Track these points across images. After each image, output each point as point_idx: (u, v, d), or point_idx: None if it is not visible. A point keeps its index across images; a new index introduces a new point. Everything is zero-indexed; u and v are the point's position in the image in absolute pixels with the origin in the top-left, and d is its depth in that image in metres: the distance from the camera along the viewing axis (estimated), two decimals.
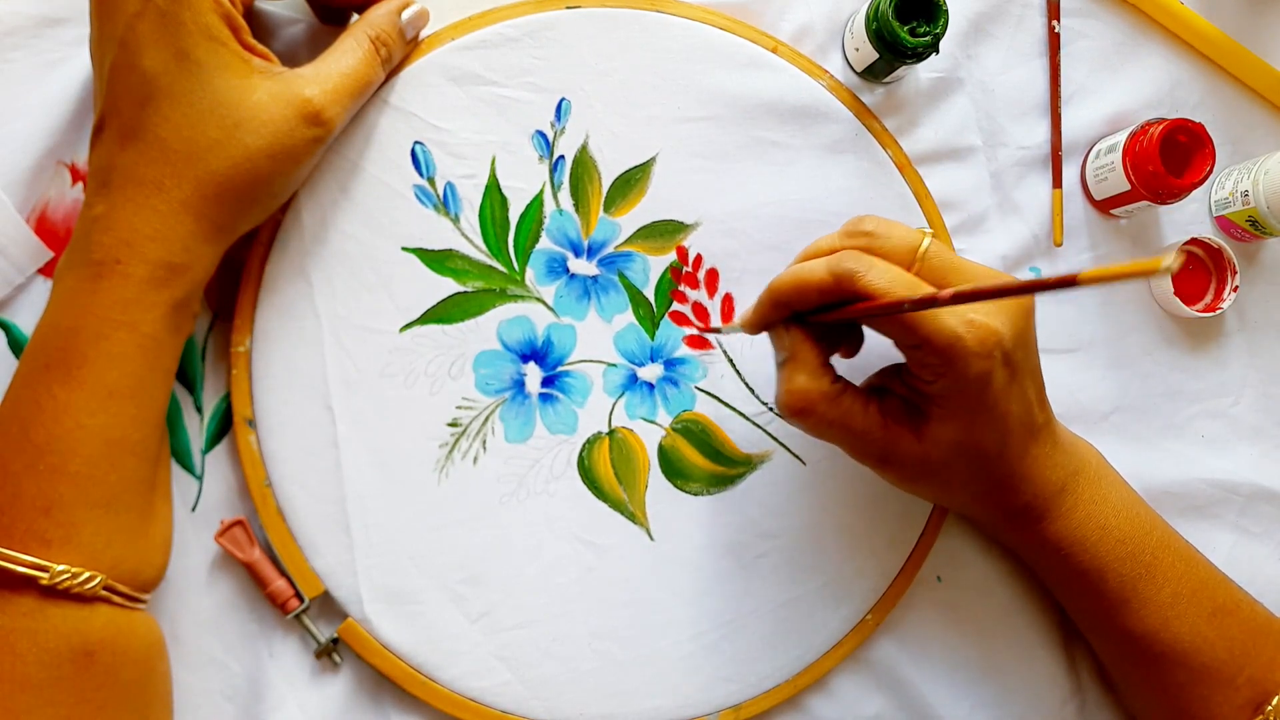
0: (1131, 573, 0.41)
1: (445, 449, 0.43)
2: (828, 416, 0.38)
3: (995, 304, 0.36)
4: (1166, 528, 0.43)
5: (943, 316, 0.35)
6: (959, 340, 0.35)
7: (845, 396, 0.38)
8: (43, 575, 0.34)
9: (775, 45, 0.46)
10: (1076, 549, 0.41)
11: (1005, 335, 0.36)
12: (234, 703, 0.42)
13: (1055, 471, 0.40)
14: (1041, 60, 0.50)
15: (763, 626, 0.44)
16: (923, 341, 0.35)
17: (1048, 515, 0.41)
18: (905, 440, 0.38)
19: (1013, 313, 0.37)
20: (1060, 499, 0.41)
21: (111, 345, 0.36)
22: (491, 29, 0.44)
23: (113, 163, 0.37)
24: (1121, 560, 0.41)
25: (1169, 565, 0.41)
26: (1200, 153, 0.46)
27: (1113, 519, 0.41)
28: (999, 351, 0.36)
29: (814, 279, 0.36)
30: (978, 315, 0.35)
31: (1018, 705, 0.47)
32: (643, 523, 0.44)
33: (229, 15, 0.37)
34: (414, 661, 0.42)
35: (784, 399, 0.38)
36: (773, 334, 0.39)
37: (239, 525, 0.42)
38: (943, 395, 0.37)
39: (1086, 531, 0.41)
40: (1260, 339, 0.51)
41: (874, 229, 0.38)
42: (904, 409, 0.39)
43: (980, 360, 0.35)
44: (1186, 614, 0.40)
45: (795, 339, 0.38)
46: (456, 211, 0.44)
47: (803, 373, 0.38)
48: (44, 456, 0.35)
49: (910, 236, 0.38)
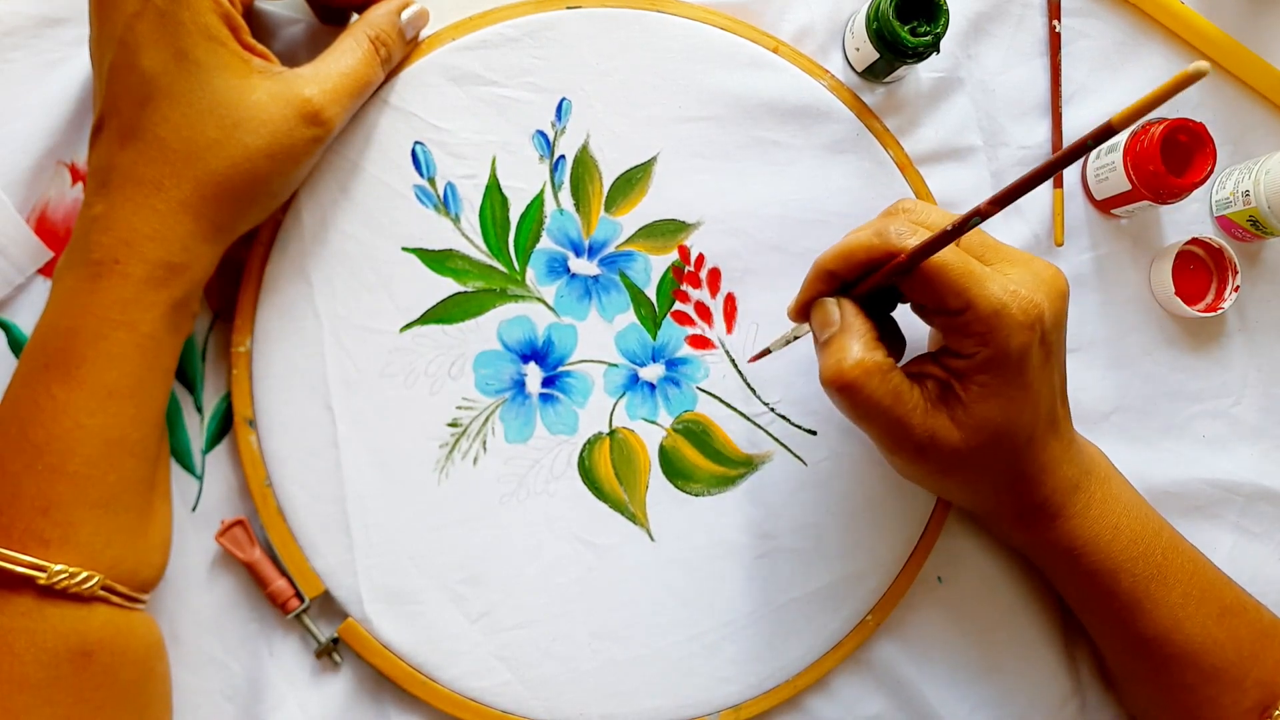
0: (1144, 573, 0.40)
1: (445, 449, 0.43)
2: (877, 392, 0.36)
3: (1036, 282, 0.37)
4: (1173, 530, 0.43)
5: (989, 284, 0.35)
6: (1005, 307, 0.35)
7: (895, 374, 0.37)
8: (41, 575, 0.34)
9: (776, 45, 0.46)
10: (1090, 549, 0.41)
11: (1047, 311, 0.36)
12: (234, 703, 0.42)
13: (1071, 468, 0.40)
14: (1042, 60, 0.50)
15: (763, 627, 0.44)
16: (968, 305, 0.35)
17: (1062, 513, 0.40)
18: (944, 428, 0.37)
19: (1052, 291, 0.37)
20: (1075, 497, 0.40)
21: (110, 345, 0.36)
22: (492, 29, 0.44)
23: (112, 162, 0.37)
24: (1134, 561, 0.40)
25: (1179, 567, 0.41)
26: (1201, 153, 0.46)
27: (1124, 519, 0.41)
28: (1039, 326, 0.36)
29: (860, 242, 0.37)
30: (1022, 288, 0.36)
31: (1018, 705, 0.46)
32: (643, 523, 0.44)
33: (228, 15, 0.37)
34: (414, 661, 0.42)
35: (833, 369, 0.37)
36: (818, 309, 0.38)
37: (239, 525, 0.42)
38: (982, 369, 0.36)
39: (1099, 530, 0.40)
40: (1261, 339, 0.51)
41: (913, 208, 0.38)
42: (941, 394, 0.38)
43: (1023, 331, 0.35)
44: (1197, 615, 0.40)
45: (847, 310, 0.38)
46: (457, 211, 0.44)
47: (857, 341, 0.37)
48: (43, 456, 0.35)
49: (949, 217, 0.38)
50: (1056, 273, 0.38)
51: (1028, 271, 0.37)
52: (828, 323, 0.38)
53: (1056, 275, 0.38)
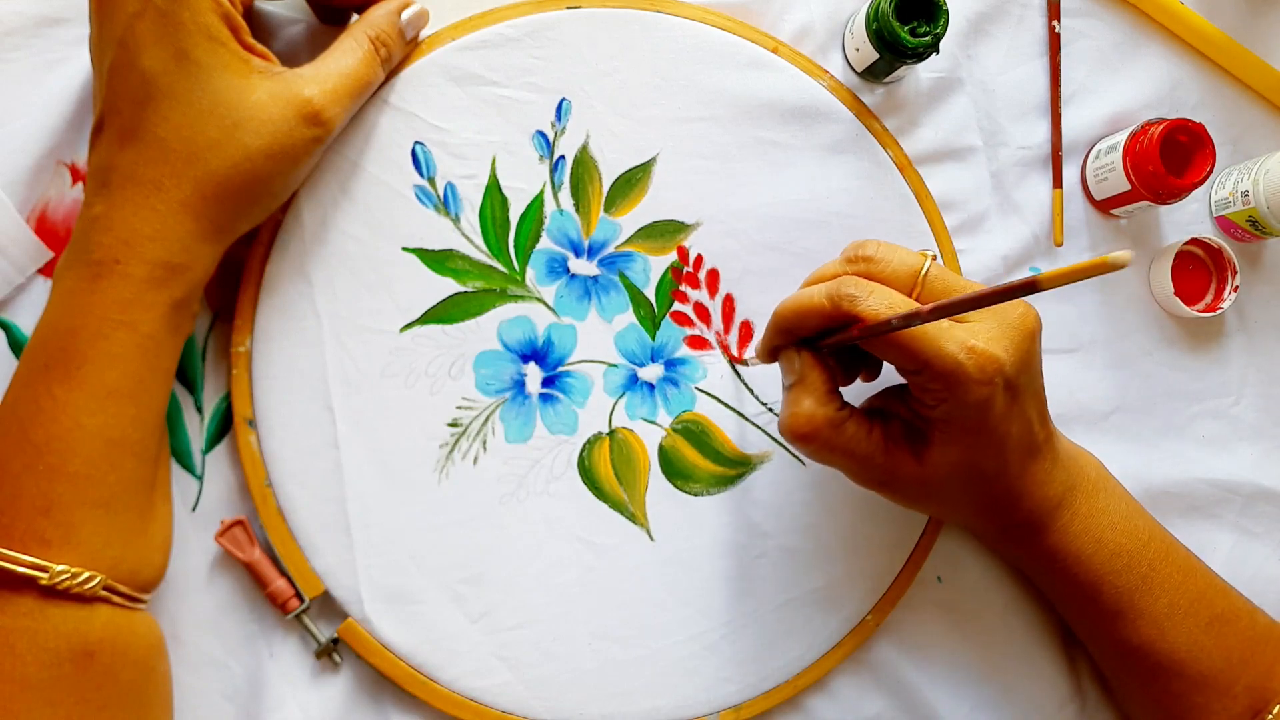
0: (1127, 585, 0.41)
1: (445, 449, 0.43)
2: (831, 443, 0.38)
3: (1000, 329, 0.36)
4: (1166, 537, 0.43)
5: (944, 343, 0.35)
6: (960, 367, 0.35)
7: (850, 423, 0.38)
8: (42, 575, 0.34)
9: (776, 45, 0.46)
10: (1071, 562, 0.41)
11: (1006, 361, 0.36)
12: (234, 703, 0.42)
13: (1052, 488, 0.40)
14: (1042, 60, 0.50)
15: (763, 627, 0.44)
16: (924, 367, 0.35)
17: (1044, 530, 0.41)
18: (906, 464, 0.38)
19: (1015, 337, 0.37)
20: (1056, 514, 0.41)
21: (110, 345, 0.36)
22: (492, 29, 0.44)
23: (112, 163, 0.37)
24: (1116, 573, 0.41)
25: (1166, 576, 0.41)
26: (1200, 153, 0.46)
27: (1108, 532, 0.41)
28: (1000, 378, 0.36)
29: (814, 305, 0.37)
30: (979, 342, 0.35)
31: (1018, 706, 0.47)
32: (643, 523, 0.44)
33: (228, 15, 0.37)
34: (414, 661, 0.42)
35: (788, 423, 0.38)
36: (782, 359, 0.39)
37: (239, 525, 0.42)
38: (944, 420, 0.37)
39: (1081, 545, 0.41)
40: (1260, 339, 0.51)
41: (874, 254, 0.38)
42: (905, 432, 0.39)
43: (981, 387, 0.35)
44: (1183, 624, 0.41)
45: (804, 363, 0.38)
46: (457, 211, 0.44)
47: (809, 397, 0.38)
48: (43, 456, 0.35)
49: (911, 260, 0.38)
50: (1024, 312, 0.37)
51: (994, 319, 0.37)
52: (788, 372, 0.39)
53: (1024, 316, 0.37)
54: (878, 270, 0.38)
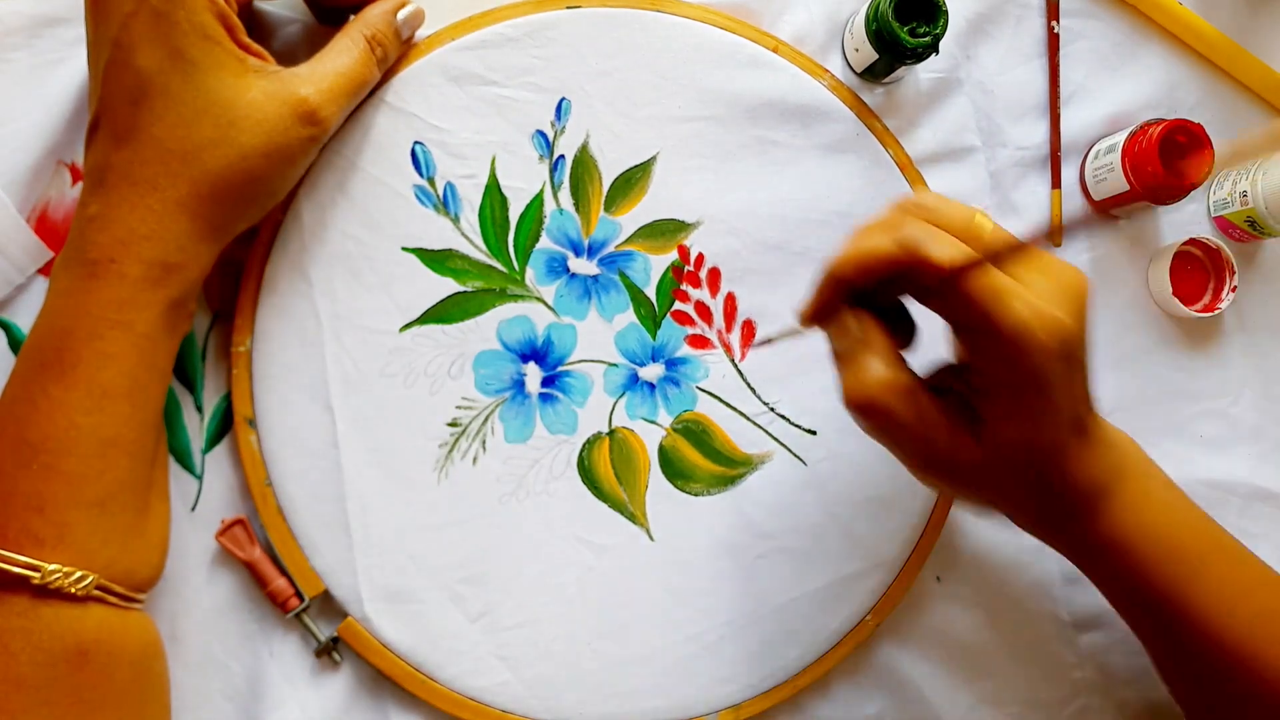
0: (1177, 574, 0.39)
1: (445, 449, 0.43)
2: (903, 414, 0.34)
3: (1059, 293, 0.34)
4: (1216, 526, 0.41)
5: (1013, 304, 0.33)
6: (1027, 327, 0.33)
7: (922, 394, 0.35)
8: (35, 575, 0.34)
9: (776, 45, 0.46)
10: (1121, 550, 0.39)
11: (1070, 326, 0.34)
12: (234, 702, 0.42)
13: (1099, 471, 0.38)
14: (1040, 61, 0.50)
15: (762, 627, 0.44)
16: (992, 328, 0.33)
17: (1093, 516, 0.39)
18: (967, 446, 0.36)
19: (1077, 302, 0.35)
20: (1105, 499, 0.39)
21: (106, 344, 0.36)
22: (491, 29, 0.44)
23: (108, 162, 0.37)
24: (1167, 561, 0.39)
25: (1217, 566, 0.39)
26: (1199, 153, 0.46)
27: (1160, 517, 0.39)
28: (1064, 344, 0.34)
29: (881, 251, 0.34)
30: (1047, 304, 0.33)
31: (1018, 705, 0.46)
32: (643, 523, 0.44)
33: (224, 14, 0.37)
34: (414, 660, 0.42)
35: (855, 389, 0.34)
36: (835, 321, 0.36)
37: (239, 524, 0.42)
38: (1000, 390, 0.35)
39: (1129, 532, 0.39)
40: (1259, 339, 0.51)
41: (930, 203, 0.35)
42: (962, 410, 0.36)
43: (1045, 351, 0.33)
44: (1236, 616, 0.39)
45: (866, 324, 0.35)
46: (456, 211, 0.44)
47: (880, 361, 0.34)
48: (38, 455, 0.35)
49: (965, 212, 0.35)
50: (1076, 275, 0.36)
51: (1051, 281, 0.35)
52: (842, 337, 0.36)
53: (1078, 279, 0.36)
54: (937, 219, 0.35)
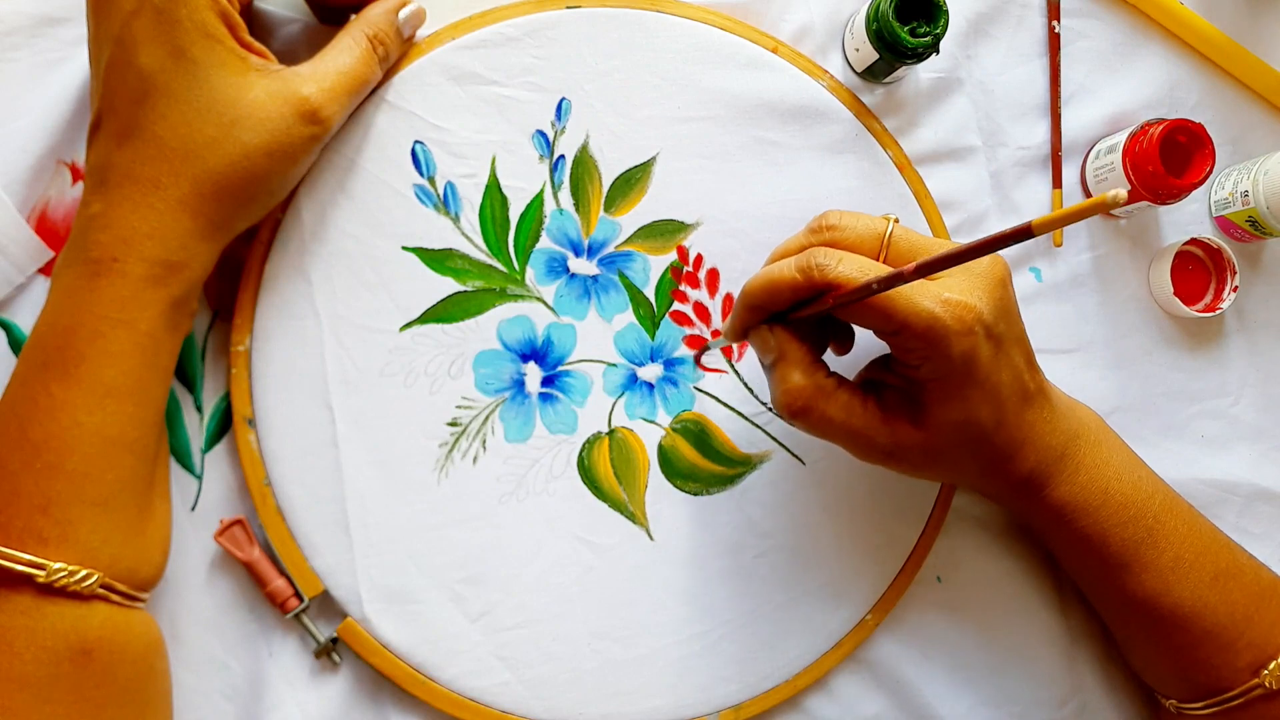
0: (1133, 537, 0.40)
1: (445, 448, 0.43)
2: (828, 413, 0.37)
3: (970, 280, 0.36)
4: (1170, 492, 0.42)
5: (918, 299, 0.35)
6: (937, 320, 0.35)
7: (842, 391, 0.38)
8: (39, 573, 0.34)
9: (775, 45, 0.46)
10: (1078, 514, 0.40)
11: (983, 309, 0.36)
12: (234, 702, 0.42)
13: (1055, 436, 0.40)
14: (1041, 60, 0.50)
15: (762, 626, 0.44)
16: (901, 326, 0.35)
17: (1050, 481, 0.40)
18: (906, 431, 0.38)
19: (988, 285, 0.37)
20: (1061, 464, 0.40)
21: (109, 343, 0.36)
22: (492, 29, 0.44)
23: (110, 161, 0.37)
24: (1123, 525, 0.40)
25: (1171, 529, 0.41)
26: (1200, 153, 0.46)
27: (1114, 483, 0.41)
28: (979, 326, 0.36)
29: (784, 278, 0.36)
30: (953, 294, 0.35)
31: (1018, 705, 0.46)
32: (642, 523, 0.44)
33: (226, 13, 0.37)
34: (413, 661, 0.42)
35: (781, 399, 0.38)
36: (754, 338, 0.39)
37: (238, 524, 0.42)
38: (932, 378, 0.37)
39: (1088, 496, 0.40)
40: (1260, 339, 0.51)
41: (837, 222, 0.38)
42: (900, 399, 0.38)
43: (962, 338, 0.35)
44: (1188, 578, 0.40)
45: (780, 338, 0.38)
46: (456, 211, 0.44)
47: (796, 369, 0.37)
48: (41, 454, 0.35)
49: (875, 224, 0.38)
50: (993, 261, 0.38)
51: (959, 272, 0.37)
52: (764, 351, 0.39)
53: (993, 264, 0.37)
54: (843, 238, 0.38)
